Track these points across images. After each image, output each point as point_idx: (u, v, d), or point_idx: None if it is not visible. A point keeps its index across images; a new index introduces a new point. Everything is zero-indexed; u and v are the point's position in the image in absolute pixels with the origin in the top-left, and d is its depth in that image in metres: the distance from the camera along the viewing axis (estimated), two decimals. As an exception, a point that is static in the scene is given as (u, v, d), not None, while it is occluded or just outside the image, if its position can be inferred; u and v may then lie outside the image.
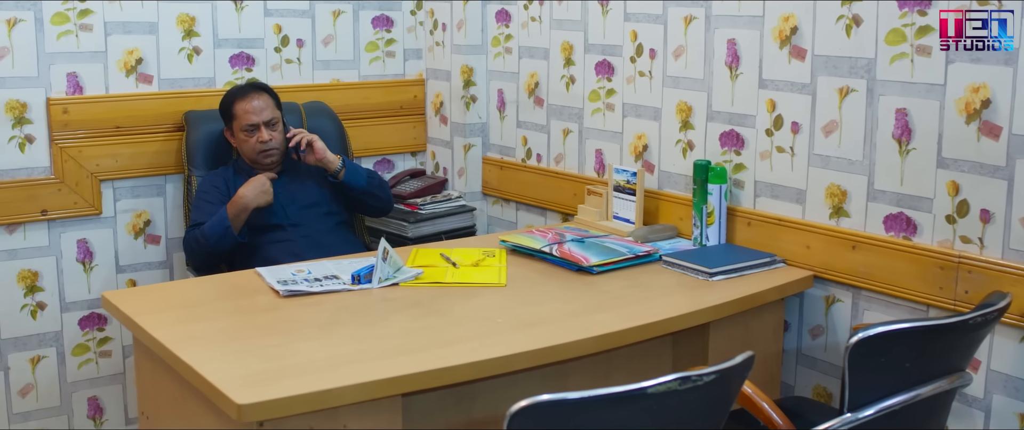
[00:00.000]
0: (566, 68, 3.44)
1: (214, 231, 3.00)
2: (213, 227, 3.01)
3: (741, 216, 2.94)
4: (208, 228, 3.01)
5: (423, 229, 3.61)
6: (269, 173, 3.09)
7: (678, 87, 3.08)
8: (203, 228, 3.03)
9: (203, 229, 3.03)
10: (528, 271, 2.76)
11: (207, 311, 2.42)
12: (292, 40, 3.61)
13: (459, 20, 3.71)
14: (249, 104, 3.16)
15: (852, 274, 2.69)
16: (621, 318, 2.38)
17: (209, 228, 3.01)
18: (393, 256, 2.68)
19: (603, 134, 3.35)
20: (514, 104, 3.66)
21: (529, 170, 3.62)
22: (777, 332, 2.78)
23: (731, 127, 2.95)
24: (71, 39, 3.20)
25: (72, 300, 3.33)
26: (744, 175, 2.94)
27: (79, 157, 3.24)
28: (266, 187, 3.03)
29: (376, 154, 3.88)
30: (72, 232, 3.28)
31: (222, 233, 2.99)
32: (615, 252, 2.80)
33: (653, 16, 3.14)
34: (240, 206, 3.02)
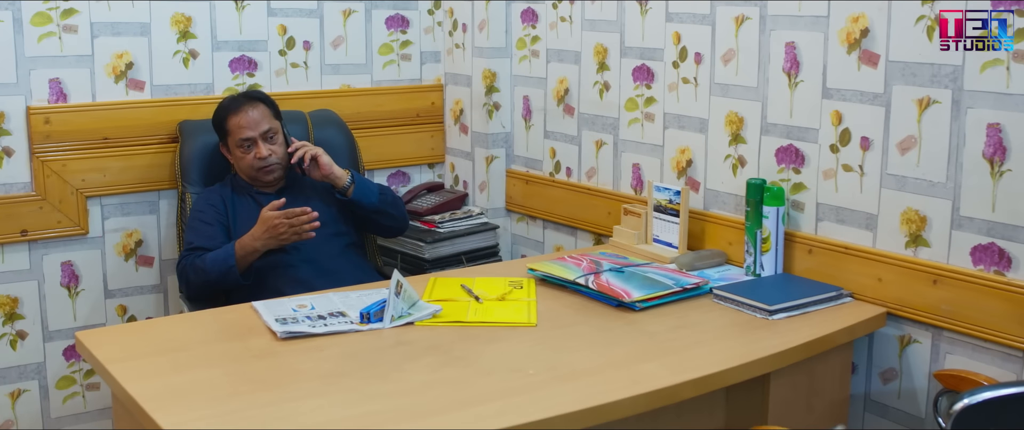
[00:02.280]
0: (600, 73, 3.14)
1: (216, 267, 2.73)
2: (216, 263, 2.73)
3: (800, 242, 2.62)
4: (210, 262, 2.74)
5: (441, 249, 3.34)
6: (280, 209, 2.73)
7: (727, 96, 2.77)
8: (205, 260, 2.74)
9: (205, 261, 2.75)
10: (560, 306, 2.44)
11: (193, 357, 2.11)
12: (298, 42, 3.36)
13: (481, 20, 3.43)
14: (243, 117, 2.87)
15: (932, 312, 2.37)
16: (671, 369, 2.05)
17: (211, 263, 2.74)
18: (408, 290, 2.36)
19: (641, 147, 3.04)
20: (541, 112, 3.37)
21: (558, 185, 3.33)
22: (844, 377, 2.46)
23: (789, 142, 2.63)
24: (53, 41, 2.96)
25: (56, 328, 3.09)
26: (804, 196, 2.62)
27: (63, 172, 3.00)
28: (284, 238, 2.71)
29: (390, 166, 3.63)
30: (55, 254, 3.05)
31: (225, 272, 2.72)
32: (659, 284, 2.48)
33: (699, 16, 2.82)
34: (250, 249, 2.72)
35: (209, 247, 2.79)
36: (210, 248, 2.79)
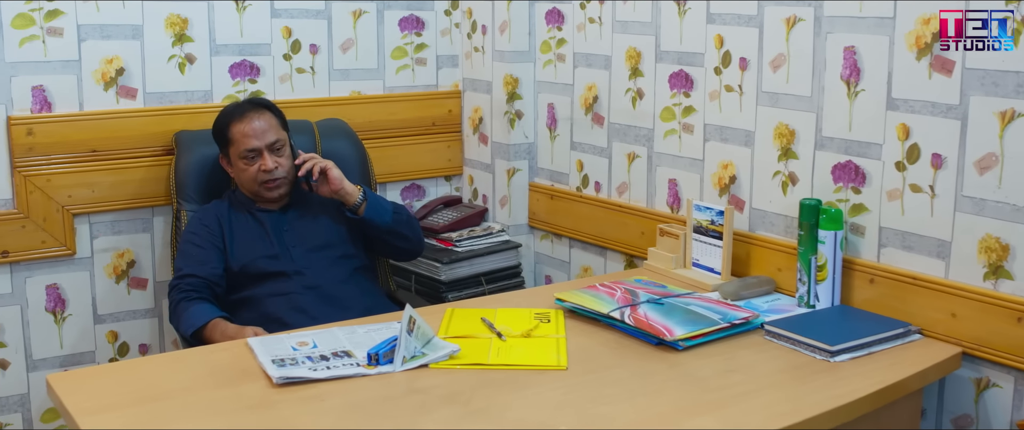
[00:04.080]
0: (632, 80, 2.90)
1: (187, 326, 2.48)
2: (188, 324, 2.48)
3: (860, 271, 2.36)
4: (185, 317, 2.49)
5: (458, 270, 3.11)
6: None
7: (777, 106, 2.52)
8: (188, 312, 2.49)
9: (186, 311, 2.50)
10: (594, 343, 2.18)
11: (177, 409, 1.85)
12: (304, 45, 3.14)
13: (502, 21, 3.21)
14: (248, 125, 2.64)
15: (1015, 353, 2.10)
16: (723, 424, 1.78)
17: (186, 318, 2.49)
18: (421, 326, 2.09)
19: (679, 161, 2.79)
20: (567, 122, 3.14)
21: (585, 201, 3.09)
22: (913, 423, 2.19)
23: (848, 158, 2.37)
24: (37, 45, 2.76)
25: (40, 357, 2.89)
26: (865, 219, 2.36)
27: (47, 187, 2.80)
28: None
29: (403, 179, 3.42)
30: (40, 276, 2.85)
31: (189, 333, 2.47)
32: (704, 320, 2.21)
33: (745, 17, 2.57)
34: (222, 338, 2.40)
35: (201, 274, 2.57)
36: (201, 276, 2.57)
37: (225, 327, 2.43)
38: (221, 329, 2.43)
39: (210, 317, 2.46)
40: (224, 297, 2.61)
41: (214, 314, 2.47)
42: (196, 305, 2.51)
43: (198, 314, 2.48)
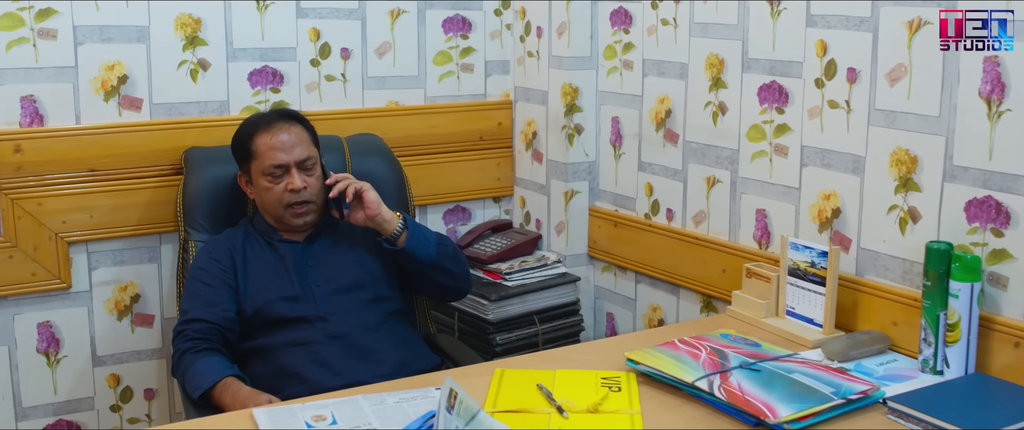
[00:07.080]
0: (713, 91, 2.59)
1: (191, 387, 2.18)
2: (194, 384, 2.17)
3: (1002, 332, 1.99)
4: (189, 376, 2.20)
5: (508, 309, 2.81)
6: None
7: (894, 126, 2.17)
8: (195, 366, 2.20)
9: (185, 366, 2.21)
10: (676, 420, 1.82)
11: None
12: (334, 50, 2.93)
13: (560, 23, 2.95)
14: (275, 138, 2.36)
15: None
16: None
17: (192, 375, 2.19)
18: (464, 400, 1.72)
19: (769, 188, 2.46)
20: (635, 139, 2.85)
21: (655, 230, 2.78)
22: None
23: (987, 193, 2.00)
24: (27, 49, 2.57)
25: (31, 404, 2.68)
26: (1009, 268, 1.98)
27: (38, 212, 2.61)
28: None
29: (446, 201, 3.17)
30: (30, 313, 2.66)
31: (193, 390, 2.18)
32: (813, 394, 1.83)
33: (855, 20, 2.22)
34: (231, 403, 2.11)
35: (209, 319, 2.27)
36: (210, 321, 2.27)
37: (237, 389, 2.11)
38: (232, 391, 2.11)
39: (220, 376, 2.15)
40: (237, 344, 2.28)
41: (225, 372, 2.16)
42: (203, 359, 2.20)
43: (206, 372, 2.16)
